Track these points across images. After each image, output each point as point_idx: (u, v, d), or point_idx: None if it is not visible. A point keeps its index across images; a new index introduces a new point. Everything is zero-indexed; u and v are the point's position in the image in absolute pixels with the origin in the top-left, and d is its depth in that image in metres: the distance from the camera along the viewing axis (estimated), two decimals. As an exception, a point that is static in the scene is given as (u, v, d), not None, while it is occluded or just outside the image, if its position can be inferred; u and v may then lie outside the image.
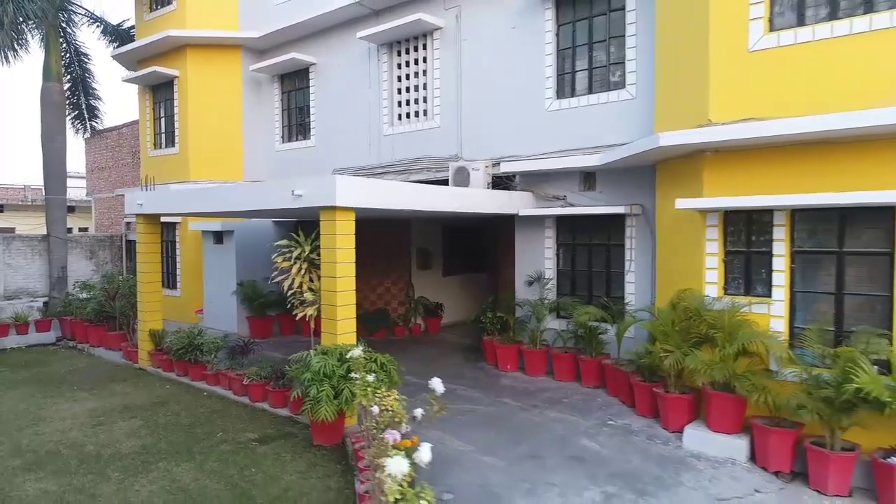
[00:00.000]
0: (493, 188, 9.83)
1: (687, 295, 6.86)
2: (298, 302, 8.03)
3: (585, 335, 8.71)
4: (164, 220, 13.94)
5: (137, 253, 10.68)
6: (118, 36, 17.10)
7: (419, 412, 4.30)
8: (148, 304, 10.57)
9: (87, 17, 16.96)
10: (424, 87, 11.38)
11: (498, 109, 10.14)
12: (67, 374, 10.50)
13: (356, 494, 5.31)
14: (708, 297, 6.72)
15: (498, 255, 12.98)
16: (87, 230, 25.56)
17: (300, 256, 7.97)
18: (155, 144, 15.33)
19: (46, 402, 8.74)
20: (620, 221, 8.87)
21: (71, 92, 17.40)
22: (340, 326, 7.05)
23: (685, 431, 6.52)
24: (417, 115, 11.52)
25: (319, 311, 7.53)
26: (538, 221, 9.81)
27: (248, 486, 5.81)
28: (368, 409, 4.41)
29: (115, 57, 15.53)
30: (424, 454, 3.17)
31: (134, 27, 16.14)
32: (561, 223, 9.68)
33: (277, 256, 8.19)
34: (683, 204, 6.68)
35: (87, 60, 17.48)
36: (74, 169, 27.98)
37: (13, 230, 26.45)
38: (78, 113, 17.97)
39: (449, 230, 14.61)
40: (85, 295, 13.09)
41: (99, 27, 17.13)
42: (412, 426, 4.39)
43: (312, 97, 13.34)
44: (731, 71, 6.43)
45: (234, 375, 8.82)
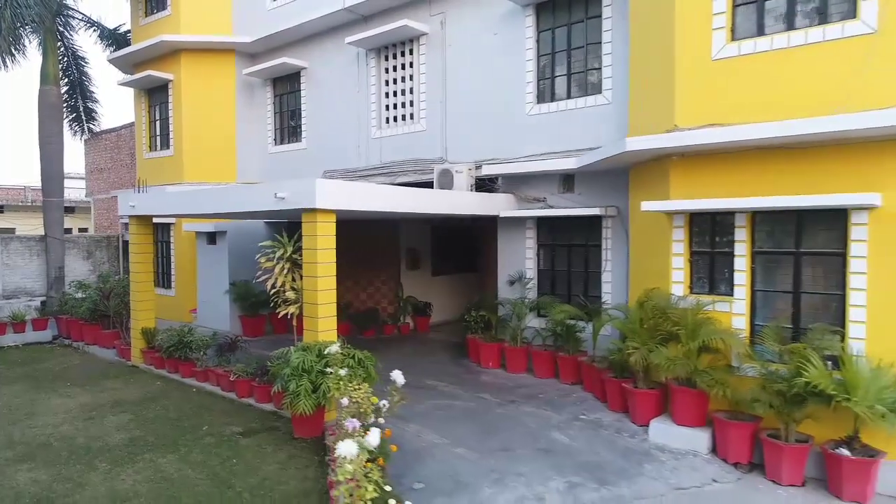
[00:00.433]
0: (476, 190, 10.10)
1: (654, 294, 7.10)
2: (281, 301, 8.30)
3: (563, 333, 8.96)
4: (158, 221, 14.27)
5: (130, 253, 10.95)
6: (115, 40, 17.38)
7: (384, 403, 4.55)
8: (140, 303, 10.85)
9: (84, 21, 17.24)
10: (411, 91, 11.65)
11: (481, 113, 10.40)
12: (62, 371, 10.78)
13: (329, 483, 5.57)
14: (674, 295, 6.96)
15: (486, 255, 13.23)
16: (86, 231, 25.83)
17: (283, 256, 8.23)
18: (150, 147, 15.60)
19: (40, 397, 9.02)
20: (597, 223, 9.13)
21: (68, 95, 17.69)
22: (321, 324, 7.32)
23: (651, 425, 6.77)
24: (404, 118, 11.78)
25: (301, 309, 7.79)
26: (519, 222, 10.07)
27: (228, 475, 6.07)
28: (338, 401, 4.68)
29: (111, 61, 15.81)
30: (373, 439, 3.43)
31: (130, 31, 16.42)
32: (541, 224, 9.94)
33: (261, 257, 8.45)
34: (649, 206, 6.93)
35: (84, 64, 17.78)
36: (74, 170, 28.36)
37: (13, 231, 26.79)
38: (75, 116, 18.26)
39: (438, 231, 14.83)
40: (80, 294, 13.36)
41: (96, 31, 17.42)
42: (390, 420, 4.61)
43: (304, 101, 13.61)
44: (695, 78, 6.68)
45: (221, 372, 9.09)
